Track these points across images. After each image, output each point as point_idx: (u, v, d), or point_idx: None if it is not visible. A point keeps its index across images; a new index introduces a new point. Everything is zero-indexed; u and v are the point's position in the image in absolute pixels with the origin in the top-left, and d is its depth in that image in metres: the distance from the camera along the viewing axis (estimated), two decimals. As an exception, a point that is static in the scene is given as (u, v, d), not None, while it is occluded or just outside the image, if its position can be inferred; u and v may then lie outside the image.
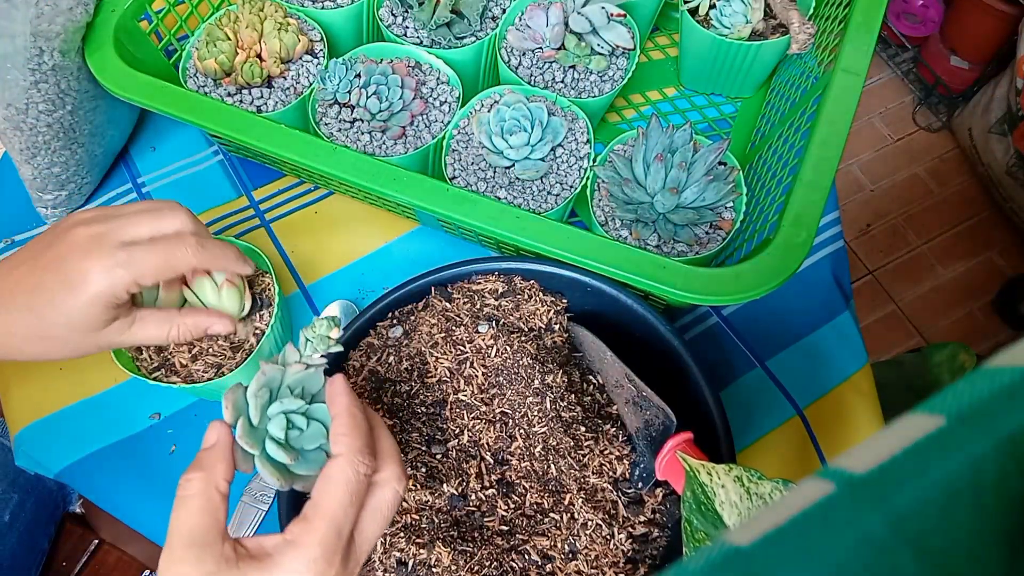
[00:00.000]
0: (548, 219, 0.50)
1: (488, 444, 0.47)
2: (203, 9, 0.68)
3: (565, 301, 0.53)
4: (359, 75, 0.60)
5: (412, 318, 0.52)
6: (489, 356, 0.49)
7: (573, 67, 0.64)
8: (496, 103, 0.61)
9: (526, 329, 0.51)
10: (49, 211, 0.67)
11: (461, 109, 0.62)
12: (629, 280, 0.48)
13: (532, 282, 0.53)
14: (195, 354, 0.54)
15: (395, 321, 0.52)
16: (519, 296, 0.52)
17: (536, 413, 0.47)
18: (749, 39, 0.64)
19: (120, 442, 0.59)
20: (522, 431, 0.47)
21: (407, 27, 0.66)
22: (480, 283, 0.53)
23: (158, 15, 0.63)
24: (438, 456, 0.47)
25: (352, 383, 0.50)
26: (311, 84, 0.63)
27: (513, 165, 0.59)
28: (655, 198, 0.56)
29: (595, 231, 0.57)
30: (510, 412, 0.47)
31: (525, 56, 0.65)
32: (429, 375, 0.49)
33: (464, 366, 0.49)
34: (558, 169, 0.60)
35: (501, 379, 0.48)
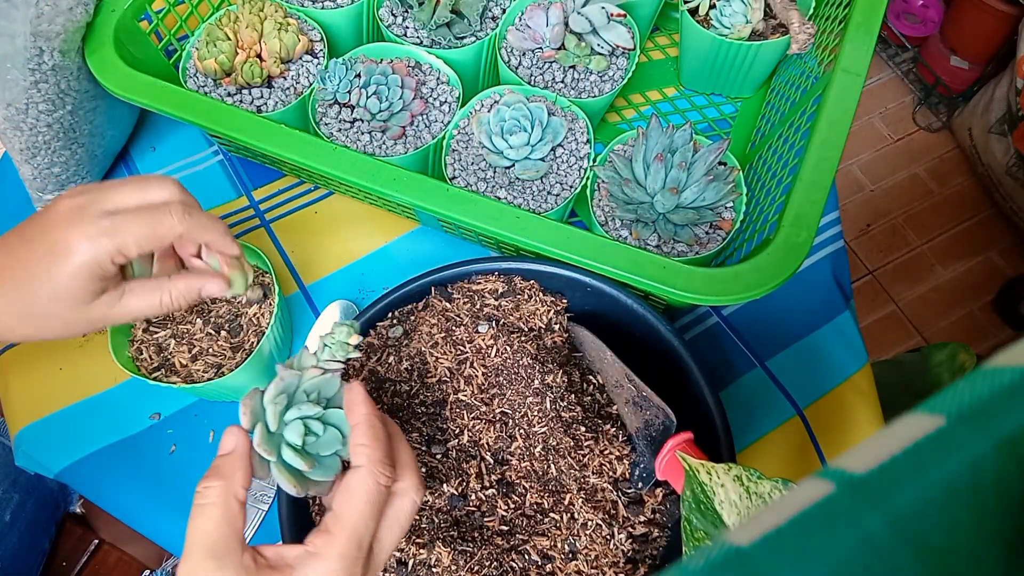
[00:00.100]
0: (548, 219, 0.50)
1: (488, 444, 0.47)
2: (203, 9, 0.68)
3: (565, 301, 0.53)
4: (359, 75, 0.60)
5: (412, 318, 0.52)
6: (489, 356, 0.49)
7: (573, 67, 0.64)
8: (496, 103, 0.61)
9: (526, 329, 0.51)
10: (49, 211, 0.67)
11: (461, 109, 0.62)
12: (629, 280, 0.48)
13: (532, 282, 0.53)
14: (195, 354, 0.54)
15: (395, 321, 0.52)
16: (519, 296, 0.52)
17: (536, 413, 0.47)
18: (749, 39, 0.64)
19: (120, 442, 0.59)
20: (522, 431, 0.47)
21: (407, 27, 0.66)
22: (480, 283, 0.53)
23: (158, 15, 0.63)
24: (438, 456, 0.47)
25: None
26: (311, 84, 0.63)
27: (513, 165, 0.59)
28: (655, 198, 0.56)
29: (595, 231, 0.57)
30: (510, 412, 0.47)
31: (525, 56, 0.65)
32: (429, 375, 0.49)
33: (464, 366, 0.49)
34: (558, 169, 0.60)
35: (501, 379, 0.48)
